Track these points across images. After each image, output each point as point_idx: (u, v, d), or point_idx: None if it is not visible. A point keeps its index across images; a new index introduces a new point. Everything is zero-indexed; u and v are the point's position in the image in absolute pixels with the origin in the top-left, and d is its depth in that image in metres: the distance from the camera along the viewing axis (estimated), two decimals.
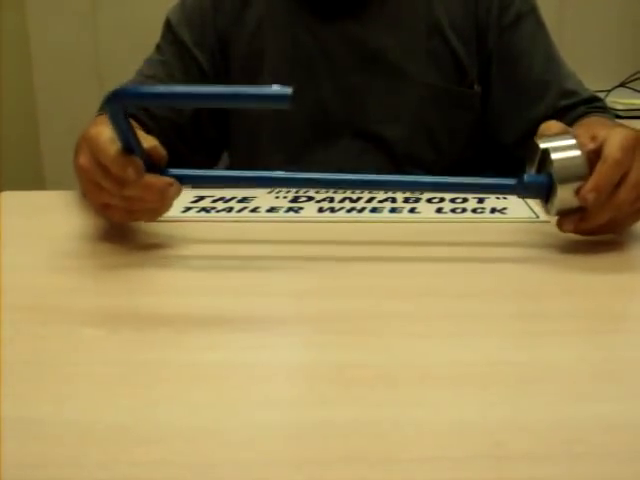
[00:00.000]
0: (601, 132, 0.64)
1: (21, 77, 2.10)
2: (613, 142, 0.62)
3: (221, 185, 0.83)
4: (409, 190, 0.76)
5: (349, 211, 0.78)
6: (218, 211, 0.79)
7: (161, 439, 0.39)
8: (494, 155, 1.02)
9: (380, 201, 0.81)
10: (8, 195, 0.87)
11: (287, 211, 0.79)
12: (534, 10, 0.99)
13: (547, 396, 0.43)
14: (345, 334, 0.51)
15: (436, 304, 0.57)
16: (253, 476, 0.37)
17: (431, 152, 0.97)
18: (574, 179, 0.62)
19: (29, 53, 2.12)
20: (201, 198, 0.83)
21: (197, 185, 0.83)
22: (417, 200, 0.81)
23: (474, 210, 0.78)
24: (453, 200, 0.81)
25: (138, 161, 0.61)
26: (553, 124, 0.68)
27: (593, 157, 0.62)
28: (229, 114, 1.01)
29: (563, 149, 0.63)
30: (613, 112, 1.13)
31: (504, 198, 0.82)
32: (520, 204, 0.80)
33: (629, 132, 0.64)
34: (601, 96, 1.02)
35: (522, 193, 0.67)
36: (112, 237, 0.70)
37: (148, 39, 1.02)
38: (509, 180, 0.66)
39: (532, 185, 0.65)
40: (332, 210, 0.79)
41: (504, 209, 0.78)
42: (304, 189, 0.85)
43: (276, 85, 0.53)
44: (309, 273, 0.63)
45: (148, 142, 0.64)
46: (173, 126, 0.95)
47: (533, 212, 0.77)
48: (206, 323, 0.54)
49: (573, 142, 0.63)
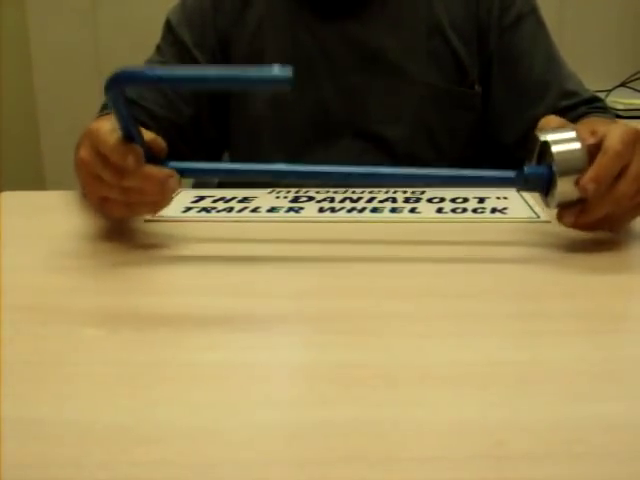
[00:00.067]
0: (601, 128, 0.65)
1: (21, 76, 2.10)
2: (614, 135, 0.62)
3: (221, 177, 0.83)
4: (407, 183, 0.76)
5: (350, 211, 0.78)
6: (218, 211, 0.79)
7: (161, 439, 0.39)
8: (494, 155, 1.02)
9: (381, 201, 0.81)
10: (8, 195, 0.87)
11: (287, 211, 0.79)
12: (535, 10, 0.99)
13: (547, 396, 0.43)
14: (345, 334, 0.51)
15: (436, 304, 0.57)
16: (253, 476, 0.37)
17: (431, 152, 0.97)
18: (574, 171, 0.62)
19: (29, 52, 2.12)
20: (201, 198, 0.83)
21: (197, 178, 0.82)
22: (417, 200, 0.81)
23: (474, 210, 0.78)
24: (454, 200, 0.81)
25: (138, 149, 0.61)
26: (552, 119, 0.68)
27: (593, 151, 0.62)
28: (229, 114, 1.00)
29: (563, 142, 0.63)
30: (613, 112, 1.13)
31: (504, 198, 0.82)
32: (521, 204, 0.80)
33: (629, 127, 0.64)
34: (602, 96, 1.02)
35: (522, 185, 0.66)
36: (112, 237, 0.70)
37: (148, 37, 1.03)
38: (509, 172, 0.66)
39: (532, 177, 0.65)
40: (333, 210, 0.79)
41: (505, 209, 0.78)
42: (305, 189, 0.85)
43: (277, 65, 0.53)
44: (309, 273, 0.63)
45: (148, 134, 0.64)
46: (173, 126, 0.95)
47: (534, 212, 0.77)
48: (206, 323, 0.54)
49: (573, 135, 0.63)
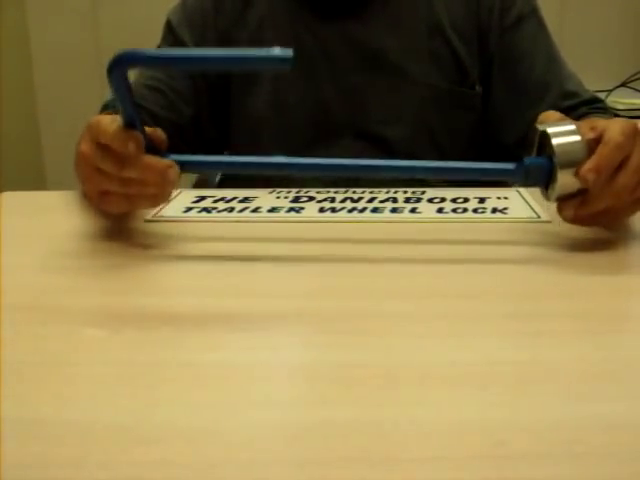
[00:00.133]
0: (601, 122, 0.65)
1: (21, 76, 2.10)
2: (614, 128, 0.62)
3: (221, 170, 0.83)
4: (406, 175, 0.75)
5: (350, 211, 0.78)
6: (219, 211, 0.79)
7: (162, 439, 0.39)
8: (495, 156, 1.02)
9: (381, 201, 0.81)
10: (8, 195, 0.87)
11: (288, 211, 0.79)
12: (535, 11, 0.99)
13: (547, 396, 0.43)
14: (346, 334, 0.51)
15: (437, 304, 0.57)
16: (253, 476, 0.37)
17: (432, 152, 0.97)
18: (574, 164, 0.62)
19: (29, 52, 2.12)
20: (202, 198, 0.83)
21: (197, 171, 0.82)
22: (418, 200, 0.81)
23: (475, 210, 0.78)
24: (454, 200, 0.81)
25: (139, 136, 0.61)
26: (552, 113, 0.67)
27: (593, 145, 0.62)
28: (230, 114, 1.00)
29: (563, 134, 0.63)
30: (614, 112, 1.13)
31: (505, 198, 0.82)
32: (521, 204, 0.80)
33: (629, 121, 0.65)
34: (602, 96, 1.03)
35: (523, 177, 0.66)
36: (113, 237, 0.70)
37: (148, 38, 1.02)
38: (509, 164, 0.66)
39: (533, 168, 0.65)
40: (333, 210, 0.79)
41: (505, 209, 0.78)
42: (305, 189, 0.85)
43: (278, 47, 0.53)
44: (310, 273, 0.63)
45: (148, 127, 0.64)
46: (174, 127, 0.95)
47: (534, 212, 0.77)
48: (206, 323, 0.54)
49: (573, 127, 0.63)
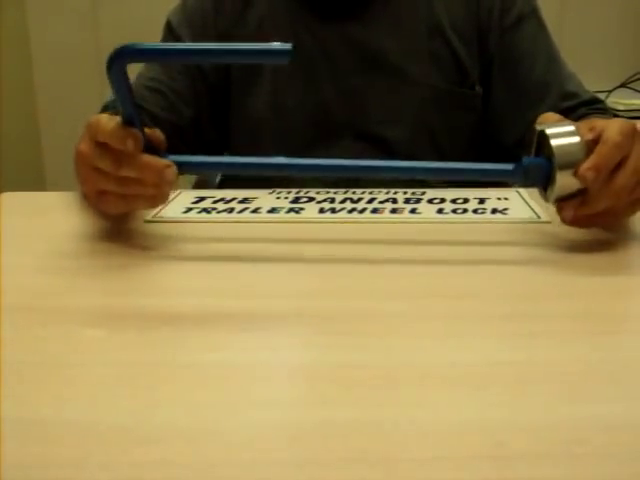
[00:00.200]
0: (599, 122, 0.65)
1: (21, 77, 2.10)
2: (612, 127, 0.62)
3: (219, 171, 0.83)
4: (406, 176, 0.75)
5: (350, 212, 0.78)
6: (219, 212, 0.79)
7: (162, 439, 0.39)
8: (495, 156, 1.02)
9: (381, 202, 0.81)
10: (8, 196, 0.87)
11: (288, 212, 0.79)
12: (535, 11, 0.99)
13: (547, 396, 0.43)
14: (346, 334, 0.51)
15: (437, 305, 0.57)
16: (253, 476, 0.37)
17: (432, 153, 0.97)
18: (573, 165, 0.62)
19: (29, 52, 2.12)
20: (202, 199, 0.83)
21: (195, 172, 0.82)
22: (418, 201, 0.81)
23: (475, 211, 0.78)
24: (454, 201, 0.81)
25: (137, 133, 0.61)
26: (551, 115, 0.68)
27: (592, 146, 0.62)
28: (230, 115, 1.00)
29: (562, 135, 0.63)
30: (614, 113, 1.13)
31: (505, 199, 0.82)
32: (521, 205, 0.80)
33: (628, 121, 0.65)
34: (602, 97, 1.02)
35: (522, 177, 0.66)
36: (112, 238, 0.70)
37: (149, 38, 1.01)
38: (508, 165, 0.66)
39: (531, 168, 0.65)
40: (333, 211, 0.79)
41: (505, 210, 0.78)
42: (305, 190, 0.85)
43: (278, 43, 0.53)
44: (310, 274, 0.63)
45: (147, 128, 0.64)
46: (174, 128, 0.95)
47: (534, 213, 0.77)
48: (207, 323, 0.54)
49: (572, 128, 0.63)
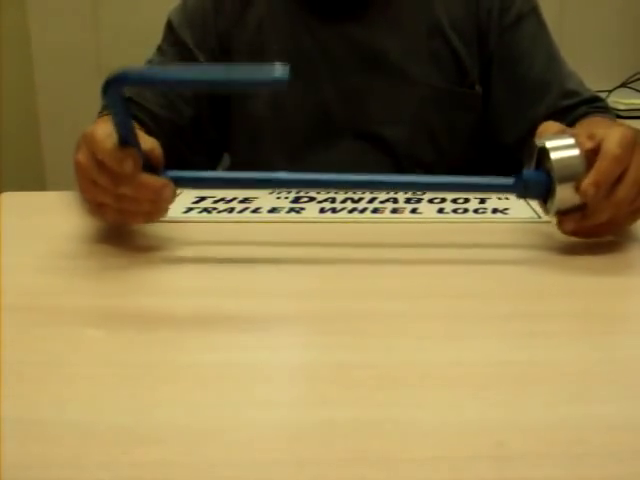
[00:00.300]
0: (599, 131, 0.64)
1: (22, 77, 2.10)
2: (612, 139, 0.62)
3: (219, 187, 0.83)
4: (406, 190, 0.76)
5: (351, 211, 0.78)
6: (219, 212, 0.79)
7: (162, 439, 0.39)
8: (495, 155, 1.02)
9: (382, 202, 0.81)
10: (8, 195, 0.87)
11: (289, 212, 0.79)
12: (535, 10, 0.98)
13: (547, 396, 0.43)
14: (346, 334, 0.51)
15: (437, 305, 0.57)
16: (253, 476, 0.37)
17: (432, 153, 0.97)
18: (573, 178, 0.62)
19: (30, 53, 2.12)
20: (202, 199, 0.83)
21: (193, 187, 0.82)
22: (419, 201, 0.81)
23: (476, 210, 0.78)
24: (455, 200, 0.81)
25: (135, 154, 0.60)
26: (551, 125, 0.68)
27: (591, 156, 0.62)
28: (230, 115, 1.00)
29: (562, 148, 0.63)
30: (614, 112, 1.13)
31: (506, 198, 0.82)
32: (522, 204, 0.80)
33: (627, 130, 0.64)
34: (602, 96, 1.02)
35: (521, 191, 0.66)
36: (112, 238, 0.70)
37: (150, 38, 1.02)
38: (508, 179, 0.66)
39: (531, 183, 0.65)
40: (334, 211, 0.79)
41: (506, 209, 0.78)
42: (305, 189, 0.85)
43: (277, 64, 0.53)
44: (310, 274, 0.63)
45: (146, 144, 0.64)
46: (174, 127, 0.96)
47: (535, 212, 0.77)
48: (207, 324, 0.54)
49: (572, 141, 0.63)
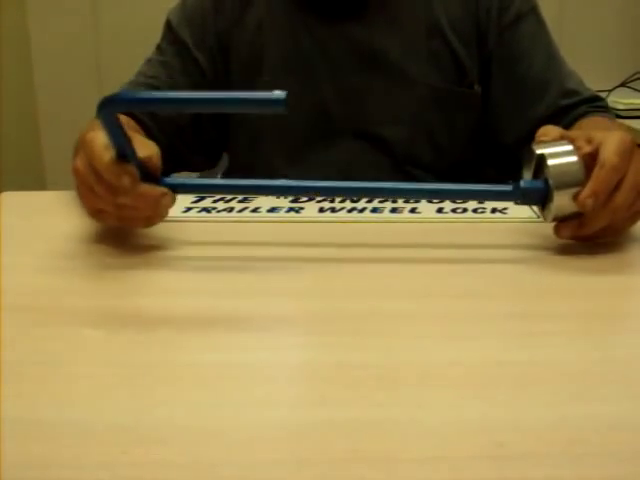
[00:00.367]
0: (597, 134, 0.64)
1: (21, 77, 2.10)
2: (610, 147, 0.62)
3: (216, 193, 0.83)
4: (403, 197, 0.77)
5: (350, 211, 0.78)
6: (219, 211, 0.79)
7: (162, 439, 0.39)
8: (495, 155, 1.02)
9: (381, 201, 0.81)
10: (8, 195, 0.87)
11: (288, 211, 0.79)
12: (534, 9, 0.98)
13: (547, 396, 0.43)
14: (345, 334, 0.51)
15: (437, 304, 0.57)
16: (253, 476, 0.37)
17: (431, 153, 0.97)
18: (571, 185, 0.62)
19: (29, 52, 2.12)
20: (202, 198, 0.83)
21: (192, 193, 0.82)
22: (418, 200, 0.81)
23: (475, 210, 0.78)
24: (454, 200, 0.81)
25: (132, 169, 0.60)
26: (550, 129, 0.68)
27: (589, 160, 0.62)
28: (229, 115, 1.00)
29: (560, 155, 0.63)
30: (614, 112, 1.13)
31: None
32: None
33: (625, 136, 0.64)
34: (602, 96, 1.02)
35: (519, 199, 0.67)
36: (112, 237, 0.70)
37: (149, 38, 1.02)
38: (505, 187, 0.66)
39: (529, 191, 0.65)
40: (333, 210, 0.79)
41: (505, 209, 0.78)
42: None
43: (278, 91, 0.53)
44: (310, 273, 0.63)
45: (143, 152, 0.63)
46: (173, 127, 0.95)
47: (534, 212, 0.77)
48: (206, 323, 0.54)
49: (570, 148, 0.63)
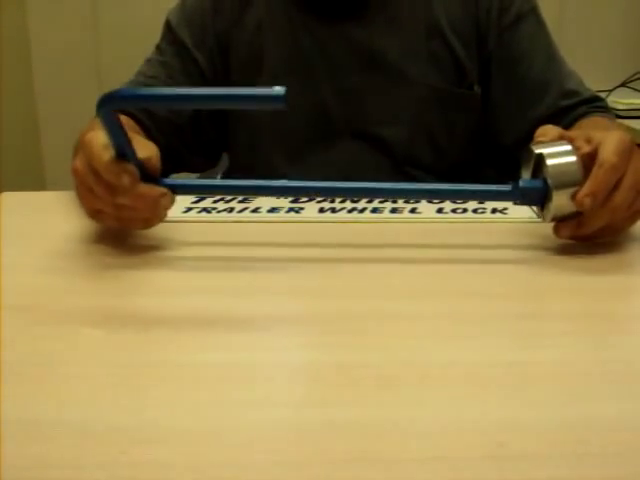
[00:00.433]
0: (597, 134, 0.64)
1: (21, 78, 2.10)
2: (609, 146, 0.62)
3: (215, 193, 0.83)
4: (405, 197, 0.77)
5: (350, 211, 0.78)
6: (219, 211, 0.79)
7: (161, 440, 0.39)
8: (494, 156, 1.02)
9: (381, 201, 0.81)
10: (8, 195, 0.87)
11: (288, 211, 0.79)
12: (534, 10, 0.98)
13: (547, 396, 0.43)
14: (346, 334, 0.51)
15: (437, 304, 0.56)
16: (253, 476, 0.37)
17: (431, 153, 0.97)
18: (570, 185, 0.62)
19: (29, 52, 2.12)
20: (202, 198, 0.83)
21: (191, 194, 0.82)
22: (418, 200, 0.81)
23: (475, 210, 0.78)
24: (454, 200, 0.81)
25: (132, 168, 0.60)
26: (549, 129, 0.67)
27: (588, 160, 0.62)
28: (228, 115, 1.00)
29: (558, 155, 0.63)
30: (614, 112, 1.13)
31: None
32: None
33: (624, 135, 0.64)
34: (602, 96, 1.02)
35: (518, 199, 0.67)
36: (112, 238, 0.70)
37: (149, 39, 1.02)
38: (504, 186, 0.66)
39: (528, 191, 0.65)
40: (333, 210, 0.79)
41: (505, 209, 0.78)
42: None
43: (278, 87, 0.52)
44: (310, 273, 0.63)
45: (143, 152, 0.63)
46: (172, 127, 0.95)
47: (534, 212, 0.77)
48: (206, 324, 0.54)
49: (569, 148, 0.63)
